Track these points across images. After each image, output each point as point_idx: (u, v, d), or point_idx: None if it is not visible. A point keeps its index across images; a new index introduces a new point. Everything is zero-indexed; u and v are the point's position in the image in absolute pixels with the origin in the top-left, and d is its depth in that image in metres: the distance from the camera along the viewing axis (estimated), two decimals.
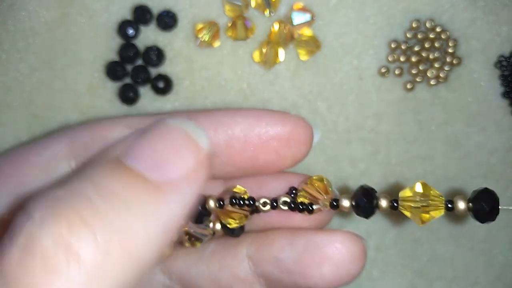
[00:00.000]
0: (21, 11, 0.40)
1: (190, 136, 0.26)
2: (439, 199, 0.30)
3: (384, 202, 0.30)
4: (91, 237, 0.21)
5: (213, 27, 0.40)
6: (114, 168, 0.24)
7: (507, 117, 0.42)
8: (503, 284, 0.43)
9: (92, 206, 0.22)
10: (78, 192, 0.22)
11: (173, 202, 0.24)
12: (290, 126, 0.31)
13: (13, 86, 0.41)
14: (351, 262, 0.31)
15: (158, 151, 0.25)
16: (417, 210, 0.30)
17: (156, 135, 0.26)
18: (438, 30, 0.41)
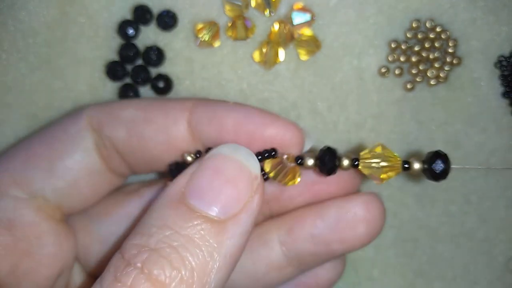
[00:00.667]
0: (21, 11, 0.40)
1: (244, 165, 0.29)
2: (397, 160, 0.32)
3: (346, 161, 0.32)
4: (179, 276, 0.26)
5: (213, 27, 0.40)
6: (183, 214, 0.28)
7: (507, 117, 0.42)
8: (503, 284, 0.43)
9: (176, 252, 0.26)
10: (163, 240, 0.27)
11: (236, 234, 0.28)
12: (280, 129, 0.32)
13: (13, 86, 0.41)
14: (379, 218, 0.34)
15: (218, 188, 0.28)
16: (375, 169, 0.32)
17: (213, 169, 0.29)
18: (438, 30, 0.41)
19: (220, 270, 0.27)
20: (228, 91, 0.41)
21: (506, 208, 0.43)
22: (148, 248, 0.27)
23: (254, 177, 0.29)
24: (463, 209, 0.42)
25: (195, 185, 0.29)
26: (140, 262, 0.26)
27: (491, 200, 0.42)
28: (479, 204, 0.42)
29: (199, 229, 0.27)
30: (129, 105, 0.35)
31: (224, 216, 0.28)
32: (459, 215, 0.43)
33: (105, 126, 0.34)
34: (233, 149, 0.30)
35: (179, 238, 0.27)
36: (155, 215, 0.28)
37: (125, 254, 0.27)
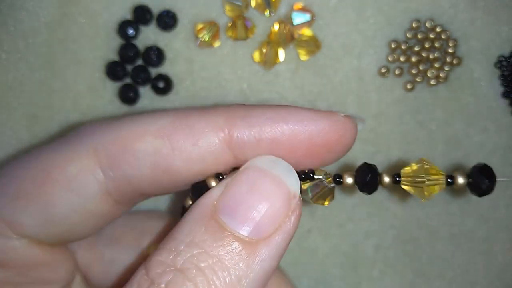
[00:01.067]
0: (21, 11, 0.40)
1: (282, 181, 0.26)
2: (440, 175, 0.31)
3: (387, 178, 0.30)
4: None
5: (213, 27, 0.40)
6: (213, 231, 0.25)
7: (507, 117, 0.42)
8: (503, 284, 0.43)
9: (203, 275, 0.25)
10: (190, 259, 0.25)
11: (266, 257, 0.26)
12: (337, 132, 0.28)
13: (13, 86, 0.41)
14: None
15: (252, 205, 0.26)
16: (418, 185, 0.30)
17: (247, 184, 0.26)
18: (438, 30, 0.41)
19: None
20: (228, 91, 0.41)
21: (506, 208, 0.43)
22: (174, 268, 0.25)
23: (292, 195, 0.27)
24: (463, 209, 0.42)
25: (227, 200, 0.26)
26: (164, 283, 0.25)
27: (491, 200, 0.42)
28: (479, 204, 0.42)
29: (228, 250, 0.25)
30: (146, 131, 0.29)
31: (257, 237, 0.26)
32: (459, 215, 0.43)
33: (120, 165, 0.29)
34: (271, 162, 0.27)
35: (207, 258, 0.25)
36: (184, 230, 0.26)
37: (149, 271, 0.25)
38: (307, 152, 0.28)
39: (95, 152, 0.29)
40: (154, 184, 0.29)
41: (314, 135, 0.28)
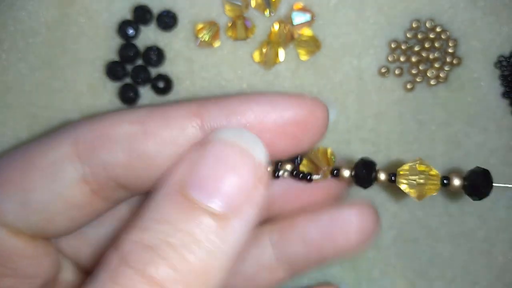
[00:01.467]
0: (21, 11, 0.40)
1: (246, 152, 0.26)
2: (436, 176, 0.31)
3: (383, 174, 0.31)
4: (177, 276, 0.24)
5: (213, 27, 0.40)
6: (183, 207, 0.25)
7: (507, 117, 0.42)
8: (503, 284, 0.43)
9: (174, 251, 0.25)
10: (160, 236, 0.25)
11: (238, 229, 0.26)
12: (306, 109, 0.30)
13: (13, 86, 0.41)
14: (372, 227, 0.34)
15: (219, 178, 0.26)
16: (413, 185, 0.31)
17: (213, 157, 0.26)
18: (438, 30, 0.41)
19: (220, 268, 0.26)
20: (228, 91, 0.41)
21: (506, 208, 0.43)
22: (144, 245, 0.25)
23: (257, 164, 0.27)
24: (463, 209, 0.42)
25: (194, 174, 0.26)
26: (135, 261, 0.24)
27: (491, 200, 0.42)
28: (479, 204, 0.42)
29: (199, 224, 0.25)
30: (121, 119, 0.30)
31: (227, 209, 0.26)
32: (459, 215, 0.43)
33: (97, 151, 0.29)
34: (237, 134, 0.27)
35: (177, 234, 0.25)
36: (153, 208, 0.26)
37: (120, 251, 0.25)
38: (277, 135, 0.29)
39: (73, 140, 0.30)
40: (129, 171, 0.29)
41: (281, 116, 0.29)
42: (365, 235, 0.34)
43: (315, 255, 0.35)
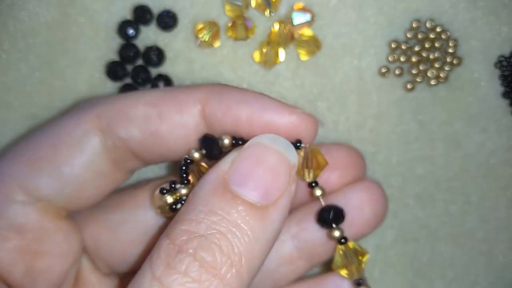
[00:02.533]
0: (21, 11, 0.40)
1: (283, 155, 0.30)
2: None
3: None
4: (229, 261, 0.27)
5: (213, 27, 0.40)
6: (228, 200, 0.29)
7: (507, 117, 0.42)
8: (503, 284, 0.43)
9: (225, 238, 0.28)
10: (212, 226, 0.28)
11: (276, 219, 0.29)
12: (296, 120, 0.33)
13: (13, 86, 0.41)
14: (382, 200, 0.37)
15: (260, 176, 0.29)
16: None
17: (254, 158, 0.30)
18: (438, 30, 0.41)
19: (263, 253, 0.29)
20: None
21: (506, 208, 0.43)
22: (199, 234, 0.28)
23: (292, 167, 0.31)
24: (463, 209, 0.42)
25: (238, 172, 0.30)
26: (192, 249, 0.27)
27: (491, 200, 0.43)
28: (479, 204, 0.42)
29: (244, 215, 0.28)
30: (138, 101, 0.34)
31: (266, 202, 0.29)
32: (459, 215, 0.43)
33: (116, 127, 0.33)
34: (273, 140, 0.31)
35: (226, 223, 0.28)
36: (201, 201, 0.29)
37: (175, 240, 0.28)
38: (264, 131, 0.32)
39: (96, 117, 0.33)
40: (144, 146, 0.34)
41: (271, 121, 0.32)
42: (378, 209, 0.36)
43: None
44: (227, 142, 0.33)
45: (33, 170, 0.33)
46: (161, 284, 0.26)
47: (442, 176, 0.42)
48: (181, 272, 0.27)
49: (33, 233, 0.33)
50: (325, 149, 0.35)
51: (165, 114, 0.33)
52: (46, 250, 0.34)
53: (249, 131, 0.33)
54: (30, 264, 0.33)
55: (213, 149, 0.33)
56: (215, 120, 0.33)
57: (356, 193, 0.36)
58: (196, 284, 0.26)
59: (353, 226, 0.36)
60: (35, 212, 0.33)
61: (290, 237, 0.36)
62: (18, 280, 0.33)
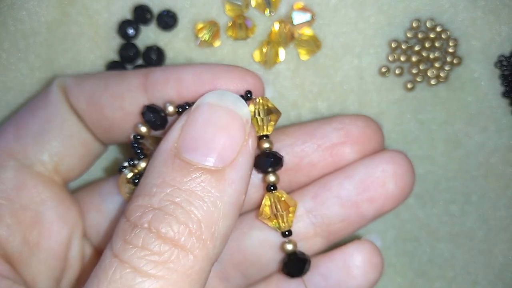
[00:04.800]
0: (21, 11, 0.40)
1: (233, 110, 0.29)
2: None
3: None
4: (187, 229, 0.27)
5: (213, 27, 0.40)
6: (180, 169, 0.28)
7: (507, 116, 0.42)
8: (503, 284, 0.43)
9: (180, 208, 0.27)
10: (165, 198, 0.27)
11: (235, 179, 0.28)
12: (238, 76, 0.32)
13: (13, 86, 0.41)
14: (408, 173, 0.34)
15: (210, 138, 0.28)
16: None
17: (203, 120, 0.29)
18: (438, 30, 0.41)
19: (226, 217, 0.28)
20: None
21: (506, 208, 0.43)
22: (152, 208, 0.27)
23: (245, 121, 0.29)
24: (463, 209, 0.42)
25: (187, 138, 0.29)
26: (146, 223, 0.27)
27: (491, 200, 0.43)
28: (479, 204, 0.43)
29: (199, 181, 0.27)
30: (95, 76, 0.35)
31: (222, 164, 0.28)
32: (459, 215, 0.43)
33: (69, 95, 0.34)
34: (220, 96, 0.30)
35: (180, 193, 0.27)
36: (153, 174, 0.28)
37: (130, 217, 0.27)
38: (211, 90, 0.31)
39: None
40: (91, 118, 0.34)
41: (213, 78, 0.32)
42: (402, 182, 0.34)
43: (353, 213, 0.34)
44: (172, 109, 0.32)
45: (18, 135, 0.34)
46: (120, 260, 0.26)
47: (442, 176, 0.42)
48: (138, 246, 0.26)
49: (27, 198, 0.33)
50: (339, 121, 0.34)
51: (108, 87, 0.33)
52: (41, 216, 0.33)
53: (194, 94, 0.31)
54: (25, 232, 0.33)
55: (156, 119, 0.32)
56: (159, 89, 0.32)
57: (378, 165, 0.34)
58: (156, 256, 0.26)
59: (374, 202, 0.34)
60: (28, 175, 0.33)
61: (305, 211, 0.35)
62: (16, 252, 0.33)
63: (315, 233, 0.35)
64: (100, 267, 0.27)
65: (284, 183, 0.35)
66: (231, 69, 0.32)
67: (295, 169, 0.35)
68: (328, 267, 0.35)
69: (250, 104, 0.31)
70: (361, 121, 0.35)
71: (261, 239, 0.35)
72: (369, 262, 0.34)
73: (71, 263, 0.35)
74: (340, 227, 0.34)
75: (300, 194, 0.35)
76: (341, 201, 0.34)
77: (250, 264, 0.36)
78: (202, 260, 0.27)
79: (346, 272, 0.34)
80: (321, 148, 0.35)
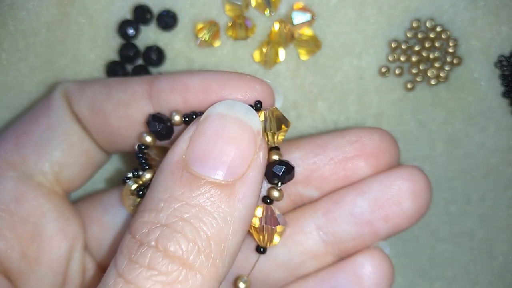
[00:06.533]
0: (21, 10, 0.40)
1: (244, 121, 0.27)
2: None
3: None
4: (196, 248, 0.25)
5: (213, 27, 0.40)
6: (189, 182, 0.26)
7: (507, 117, 0.42)
8: (503, 284, 0.43)
9: (189, 224, 0.26)
10: (173, 213, 0.26)
11: (246, 194, 0.27)
12: (248, 85, 0.30)
13: (13, 86, 0.41)
14: (425, 191, 0.32)
15: (220, 150, 0.27)
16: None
17: (212, 131, 0.27)
18: (438, 30, 0.41)
19: (235, 233, 0.27)
20: None
21: (506, 208, 0.43)
22: (160, 224, 0.26)
23: (256, 133, 0.28)
24: (463, 208, 0.42)
25: (196, 150, 0.27)
26: (153, 240, 0.25)
27: (491, 200, 0.43)
28: (479, 204, 0.42)
29: (208, 196, 0.26)
30: (98, 82, 0.34)
31: (232, 178, 0.27)
32: (459, 215, 0.43)
33: (72, 102, 0.33)
34: (230, 106, 0.28)
35: (189, 209, 0.26)
36: (159, 188, 0.27)
37: (135, 234, 0.26)
38: (219, 98, 0.30)
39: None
40: (94, 126, 0.33)
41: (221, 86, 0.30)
42: (419, 201, 0.32)
43: (366, 231, 0.33)
44: (178, 119, 0.30)
45: (19, 144, 0.33)
46: (126, 280, 0.25)
47: (442, 176, 0.42)
48: (144, 265, 0.25)
49: (26, 210, 0.32)
50: (353, 134, 0.33)
51: (112, 94, 0.32)
52: (40, 230, 0.32)
53: (201, 103, 0.30)
54: (25, 246, 0.32)
55: (161, 128, 0.31)
56: (164, 98, 0.31)
57: (394, 181, 0.32)
58: (163, 276, 0.25)
59: (389, 221, 0.32)
60: (28, 186, 0.32)
61: (316, 228, 0.33)
62: (15, 266, 0.32)
63: (326, 251, 0.33)
64: (104, 286, 0.26)
65: (295, 197, 0.35)
66: (239, 77, 0.30)
67: (306, 182, 0.34)
68: (339, 279, 0.33)
69: (260, 114, 0.29)
70: (376, 134, 0.34)
71: (268, 256, 0.34)
72: (380, 271, 0.33)
73: (72, 278, 0.34)
74: (352, 245, 0.33)
75: (311, 209, 0.34)
76: (354, 219, 0.33)
77: (256, 282, 0.35)
78: (210, 279, 0.26)
79: (358, 283, 0.33)
80: (334, 161, 0.33)
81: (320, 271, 0.34)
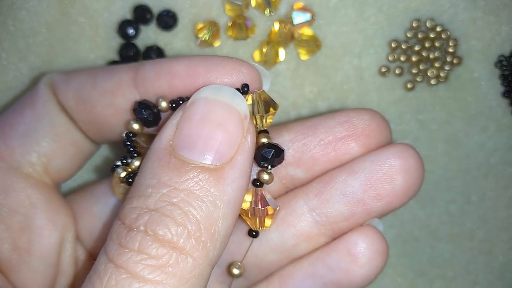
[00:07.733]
0: (21, 10, 0.40)
1: (230, 105, 0.27)
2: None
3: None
4: (186, 231, 0.25)
5: (213, 27, 0.40)
6: (177, 167, 0.26)
7: (507, 117, 0.42)
8: (503, 284, 0.43)
9: (178, 208, 0.26)
10: (162, 198, 0.26)
11: (235, 177, 0.27)
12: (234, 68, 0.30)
13: (13, 85, 0.41)
14: (417, 168, 0.32)
15: (208, 135, 0.27)
16: None
17: (199, 116, 0.27)
18: (438, 30, 0.41)
19: (226, 217, 0.27)
20: None
21: (506, 208, 0.43)
22: (148, 209, 0.26)
23: (243, 116, 0.28)
24: (463, 208, 0.42)
25: (183, 135, 0.27)
26: (142, 225, 0.25)
27: (491, 200, 0.43)
28: (479, 204, 0.42)
29: (196, 180, 0.26)
30: (83, 72, 0.33)
31: (220, 162, 0.27)
32: (459, 215, 0.43)
33: (57, 93, 0.33)
34: (217, 90, 0.28)
35: (178, 193, 0.26)
36: (147, 174, 0.27)
37: (124, 219, 0.26)
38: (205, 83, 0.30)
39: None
40: (80, 116, 0.33)
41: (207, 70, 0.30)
42: (411, 178, 0.32)
43: (358, 211, 0.33)
44: (165, 105, 0.30)
45: (5, 136, 0.33)
46: (116, 265, 0.25)
47: (442, 176, 0.42)
48: (134, 250, 0.25)
49: (16, 201, 0.32)
50: (343, 115, 0.32)
51: (97, 83, 0.32)
52: (30, 220, 0.32)
53: (187, 88, 0.30)
54: (15, 238, 0.32)
55: (148, 115, 0.30)
56: (150, 84, 0.31)
57: (385, 159, 0.32)
58: (153, 260, 0.25)
59: (381, 199, 0.32)
60: (17, 177, 0.32)
61: (308, 209, 0.33)
62: (6, 259, 0.32)
63: (319, 232, 0.33)
64: (95, 273, 0.26)
65: (286, 180, 0.35)
66: (225, 60, 0.30)
67: (296, 164, 0.34)
68: (333, 258, 0.33)
69: (247, 98, 0.29)
70: (366, 114, 0.33)
71: (262, 240, 0.34)
72: (374, 248, 0.32)
73: (64, 268, 0.34)
74: (345, 225, 0.33)
75: (303, 191, 0.34)
76: (346, 199, 0.32)
77: (250, 266, 0.35)
78: (201, 263, 0.26)
79: (352, 261, 0.32)
80: (324, 142, 0.33)
81: (314, 252, 0.33)
